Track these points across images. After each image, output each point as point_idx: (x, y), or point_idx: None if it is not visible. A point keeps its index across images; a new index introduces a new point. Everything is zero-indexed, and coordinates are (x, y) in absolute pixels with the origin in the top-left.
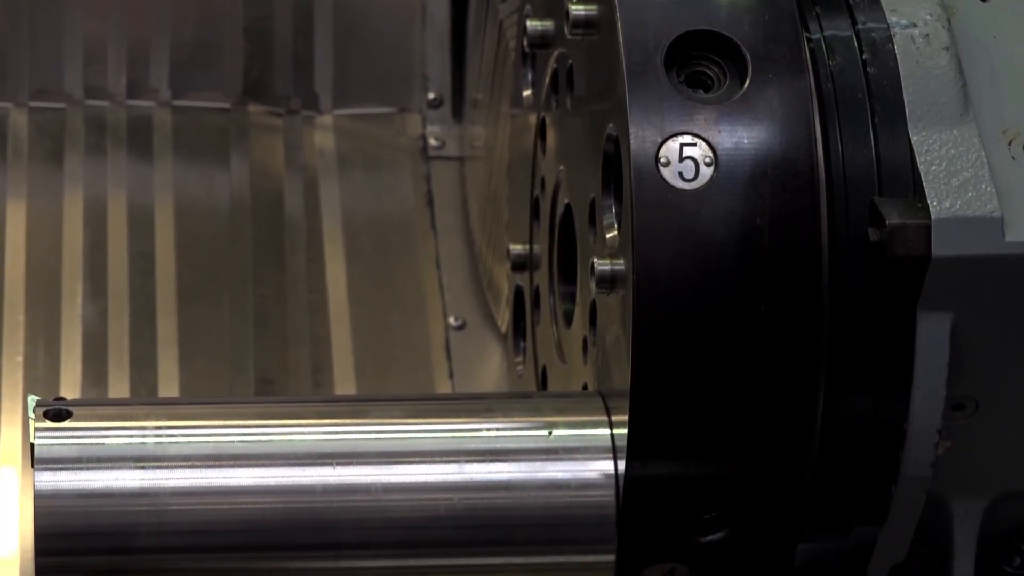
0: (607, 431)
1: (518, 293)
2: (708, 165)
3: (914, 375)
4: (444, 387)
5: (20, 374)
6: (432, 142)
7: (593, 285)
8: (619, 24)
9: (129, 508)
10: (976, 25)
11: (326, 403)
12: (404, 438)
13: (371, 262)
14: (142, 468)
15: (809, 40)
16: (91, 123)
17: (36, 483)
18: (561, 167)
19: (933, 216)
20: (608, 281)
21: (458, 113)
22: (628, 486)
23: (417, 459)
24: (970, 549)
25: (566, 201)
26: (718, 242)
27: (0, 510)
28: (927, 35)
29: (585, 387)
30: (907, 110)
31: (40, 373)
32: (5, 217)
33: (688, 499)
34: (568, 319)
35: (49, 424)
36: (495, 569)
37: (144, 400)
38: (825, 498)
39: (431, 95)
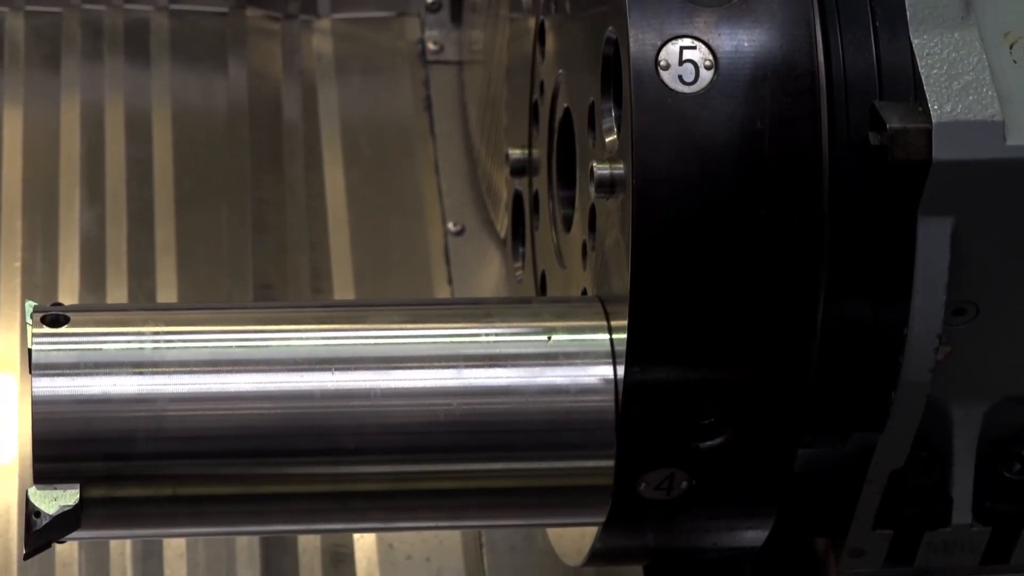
0: (606, 336)
1: (517, 198)
2: (708, 68)
3: (914, 280)
4: (443, 293)
5: (18, 280)
6: (431, 46)
7: (592, 189)
8: None
9: (127, 414)
10: None
11: (325, 308)
12: (403, 343)
13: (370, 168)
14: (140, 374)
15: None
16: (88, 28)
17: (34, 389)
18: (560, 71)
19: (934, 120)
20: (607, 185)
21: (457, 17)
22: (627, 391)
23: (416, 364)
24: (970, 454)
25: (565, 105)
26: (718, 146)
27: None
28: None
29: (584, 292)
30: (908, 13)
31: (38, 279)
32: (2, 123)
33: (687, 404)
34: (567, 224)
35: (46, 330)
36: (494, 474)
37: (142, 306)
38: (825, 404)
39: None
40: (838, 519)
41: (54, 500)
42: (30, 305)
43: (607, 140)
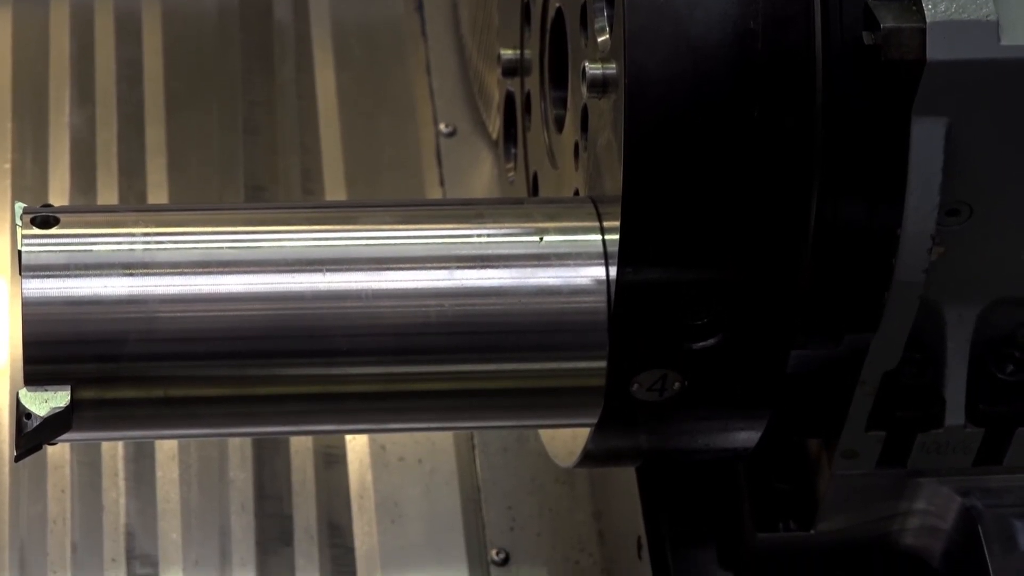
0: (598, 236)
1: (509, 99)
2: None
3: (908, 180)
4: (435, 194)
5: (8, 182)
6: None
7: (584, 89)
8: None
9: (118, 315)
10: None
11: (316, 209)
12: (394, 244)
13: (361, 69)
14: (131, 275)
15: None
16: None
17: (24, 291)
18: None
19: (928, 19)
20: (600, 85)
21: None
22: (619, 292)
23: (407, 265)
24: (963, 355)
25: (557, 5)
26: (711, 45)
27: None
28: None
29: (576, 193)
30: None
31: (28, 181)
32: None
33: (680, 305)
34: (559, 124)
35: (36, 231)
36: (486, 375)
37: (133, 207)
38: (818, 305)
39: None
40: (831, 421)
41: (45, 402)
42: (19, 206)
43: (599, 40)
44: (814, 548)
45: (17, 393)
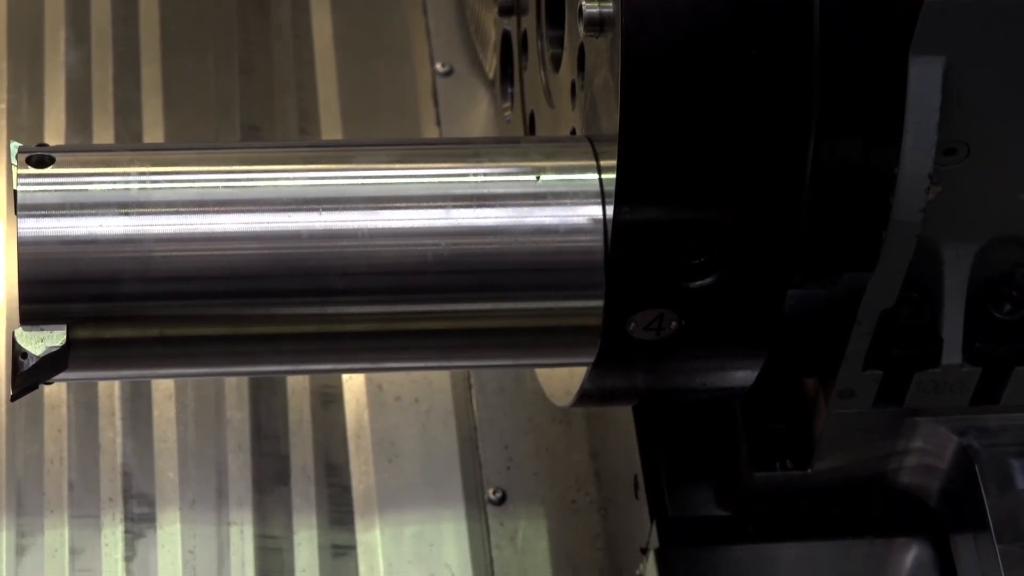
0: (595, 176)
1: (506, 38)
2: None
3: (905, 119)
4: (431, 134)
5: (3, 122)
6: None
7: (581, 28)
8: None
9: (113, 255)
10: None
11: (312, 148)
12: (391, 183)
13: (357, 8)
14: (126, 214)
15: None
16: None
17: (19, 230)
18: None
19: None
20: (597, 23)
21: None
22: (616, 231)
23: (404, 204)
24: (960, 295)
25: None
26: None
27: None
28: None
29: (573, 132)
30: None
31: (24, 121)
32: None
33: (677, 244)
34: (556, 63)
35: (32, 171)
36: (482, 315)
37: (128, 146)
38: (815, 244)
39: None
40: (828, 360)
41: (41, 341)
42: (15, 146)
43: None
44: (810, 487)
45: (13, 333)
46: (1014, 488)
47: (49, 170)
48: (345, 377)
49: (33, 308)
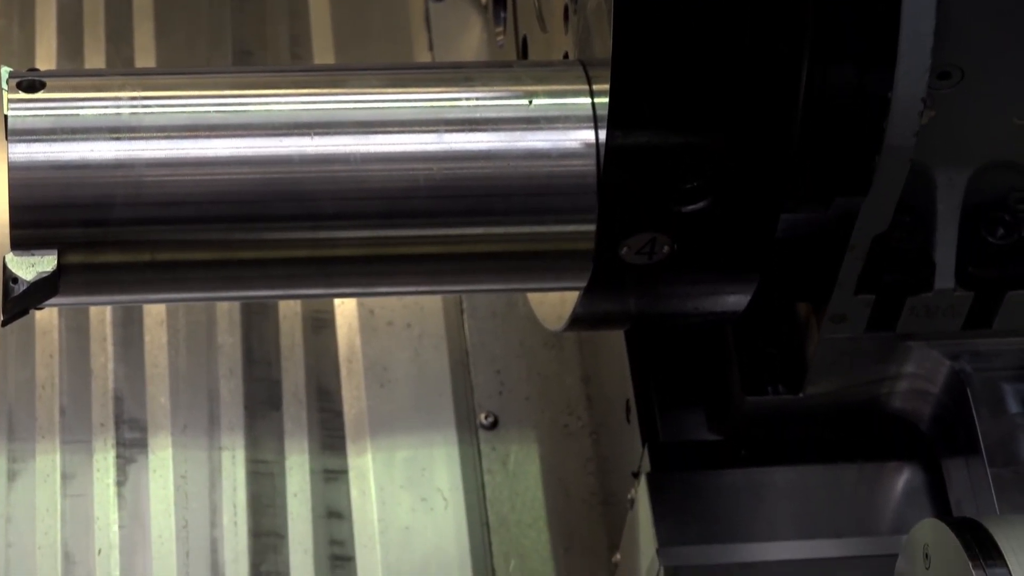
0: (588, 100)
1: None
2: None
3: (899, 43)
4: (423, 59)
5: None
6: None
7: None
8: None
9: (104, 179)
10: None
11: (304, 73)
12: (383, 107)
13: None
14: (117, 139)
15: None
16: None
17: (10, 155)
18: None
19: None
20: None
21: None
22: (609, 155)
23: (396, 129)
24: (953, 219)
25: None
26: None
27: None
28: None
29: (566, 56)
30: None
31: (15, 47)
32: None
33: (669, 168)
34: None
35: (22, 95)
36: (475, 239)
37: (119, 71)
38: (808, 168)
39: None
40: (820, 284)
41: (32, 266)
42: (5, 71)
43: None
44: (802, 411)
45: (3, 258)
46: (1006, 412)
47: (40, 95)
48: (337, 302)
49: (24, 233)
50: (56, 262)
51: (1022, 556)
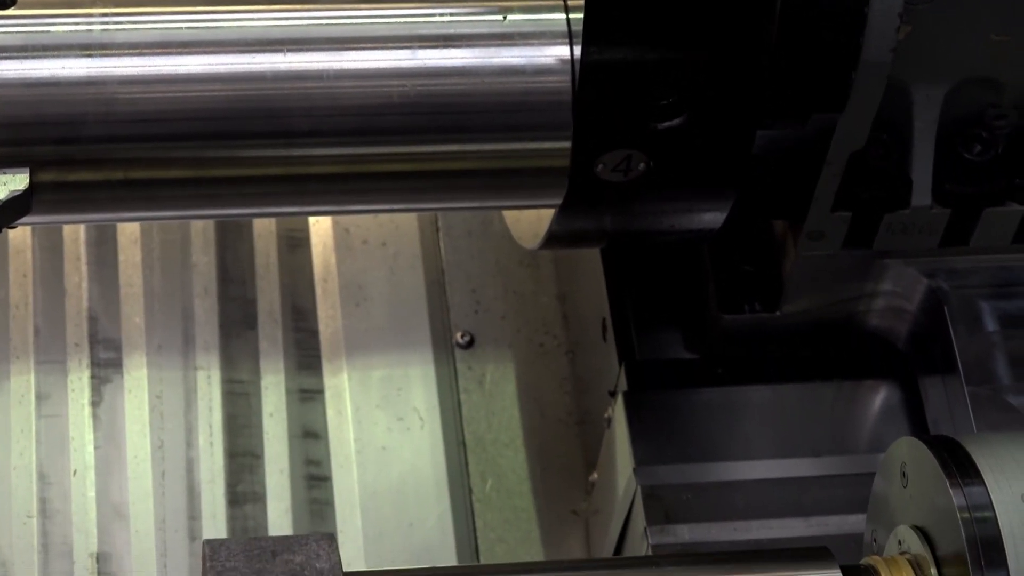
0: (563, 16)
1: None
2: None
3: None
4: None
5: None
6: None
7: None
8: None
9: (76, 97)
10: None
11: None
12: (356, 24)
13: None
14: (89, 56)
15: None
16: None
17: None
18: None
19: None
20: None
21: None
22: (584, 71)
23: (369, 45)
24: (930, 136)
25: None
26: None
27: None
28: None
29: None
30: None
31: None
32: None
33: (645, 84)
34: None
35: None
36: (449, 156)
37: None
38: (784, 84)
39: None
40: (797, 201)
41: (4, 185)
42: None
43: None
44: (779, 329)
45: None
46: (983, 330)
47: (10, 12)
48: (312, 220)
49: None
50: (28, 180)
51: (999, 474)
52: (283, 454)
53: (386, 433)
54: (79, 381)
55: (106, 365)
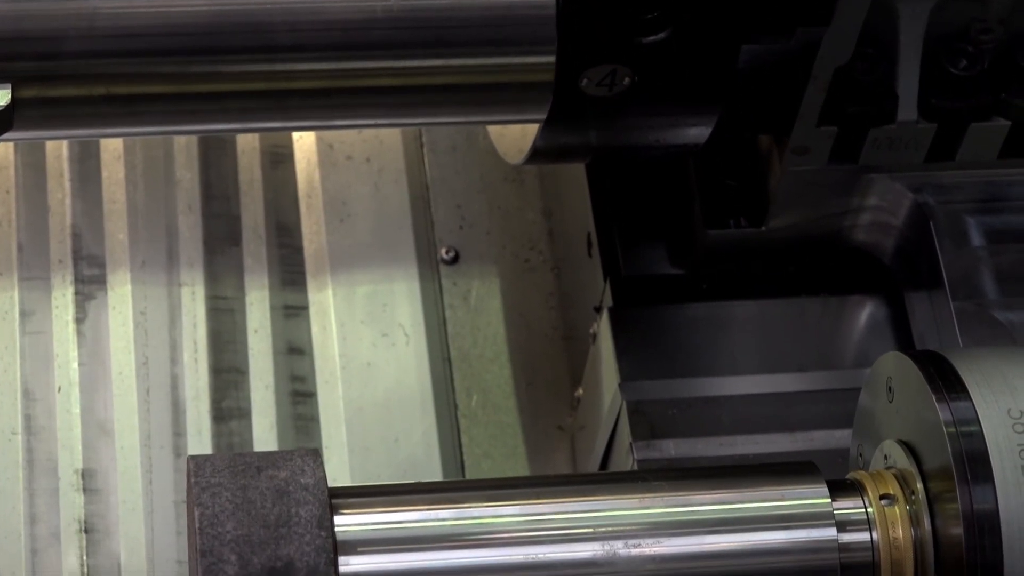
0: None
1: None
2: None
3: None
4: None
5: None
6: None
7: None
8: None
9: (57, 12)
10: None
11: None
12: None
13: None
14: None
15: None
16: None
17: None
18: None
19: None
20: None
21: None
22: None
23: None
24: (916, 50)
25: None
26: None
27: None
28: None
29: None
30: None
31: None
32: None
33: None
34: None
35: None
36: (433, 71)
37: None
38: None
39: None
40: (782, 116)
41: None
42: None
43: None
44: (764, 245)
45: None
46: (969, 245)
47: None
48: (295, 136)
49: None
50: (10, 96)
51: (985, 388)
52: (268, 370)
53: (371, 349)
54: (63, 298)
55: (90, 282)
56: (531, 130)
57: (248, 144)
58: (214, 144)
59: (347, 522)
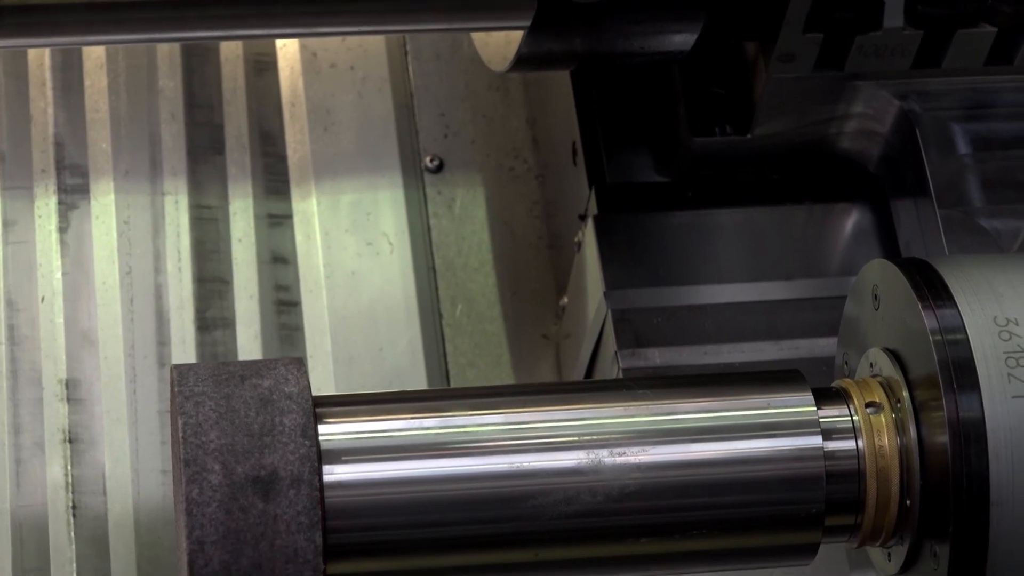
0: None
1: None
2: None
3: None
4: None
5: None
6: None
7: None
8: None
9: None
10: None
11: None
12: None
13: None
14: None
15: None
16: None
17: None
18: None
19: None
20: None
21: None
22: None
23: None
24: None
25: None
26: None
27: None
28: None
29: None
30: None
31: None
32: None
33: None
34: None
35: None
36: None
37: None
38: None
39: None
40: (768, 23)
41: None
42: None
43: None
44: (750, 152)
45: None
46: (955, 153)
47: None
48: (279, 44)
49: None
50: None
51: (971, 296)
52: (252, 279)
53: (355, 258)
54: (46, 207)
55: (73, 191)
56: (515, 37)
57: (231, 52)
58: (197, 52)
59: (331, 431)
